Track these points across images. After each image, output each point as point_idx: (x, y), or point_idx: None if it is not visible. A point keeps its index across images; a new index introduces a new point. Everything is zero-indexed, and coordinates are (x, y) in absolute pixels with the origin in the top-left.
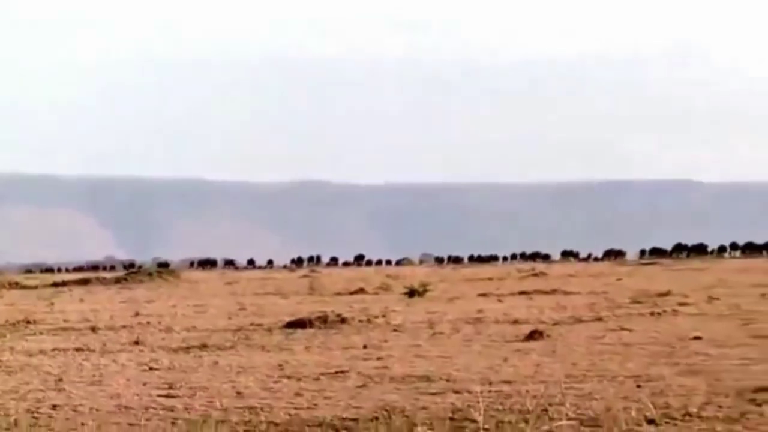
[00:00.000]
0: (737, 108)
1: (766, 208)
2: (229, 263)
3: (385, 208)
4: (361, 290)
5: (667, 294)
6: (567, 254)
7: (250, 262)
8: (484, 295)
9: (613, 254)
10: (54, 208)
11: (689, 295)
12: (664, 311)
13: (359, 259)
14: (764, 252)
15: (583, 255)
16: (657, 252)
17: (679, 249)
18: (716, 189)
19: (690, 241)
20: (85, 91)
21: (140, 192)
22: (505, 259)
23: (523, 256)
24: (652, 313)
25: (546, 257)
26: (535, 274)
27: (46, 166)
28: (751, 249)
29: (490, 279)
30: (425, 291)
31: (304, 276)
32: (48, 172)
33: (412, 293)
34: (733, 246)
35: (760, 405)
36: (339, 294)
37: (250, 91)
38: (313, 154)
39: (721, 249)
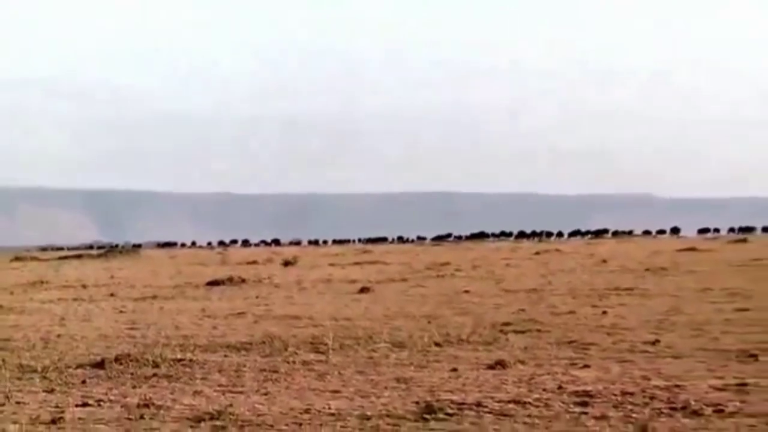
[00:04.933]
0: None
1: (515, 210)
2: (182, 245)
3: (275, 210)
4: (255, 262)
5: (447, 264)
6: (399, 239)
7: (193, 243)
8: (333, 264)
9: (420, 239)
10: (60, 209)
11: (461, 265)
12: (446, 275)
13: (256, 243)
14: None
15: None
16: (452, 238)
17: (479, 236)
18: (479, 197)
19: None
20: (79, 126)
21: (118, 199)
22: (354, 242)
23: (369, 240)
24: (438, 276)
25: (384, 240)
26: (365, 251)
27: (55, 181)
28: (508, 235)
29: (337, 254)
30: (295, 262)
31: (219, 253)
32: (57, 186)
33: (287, 263)
34: (503, 234)
35: (506, 333)
36: (240, 264)
37: (185, 130)
38: (230, 173)
39: (493, 235)
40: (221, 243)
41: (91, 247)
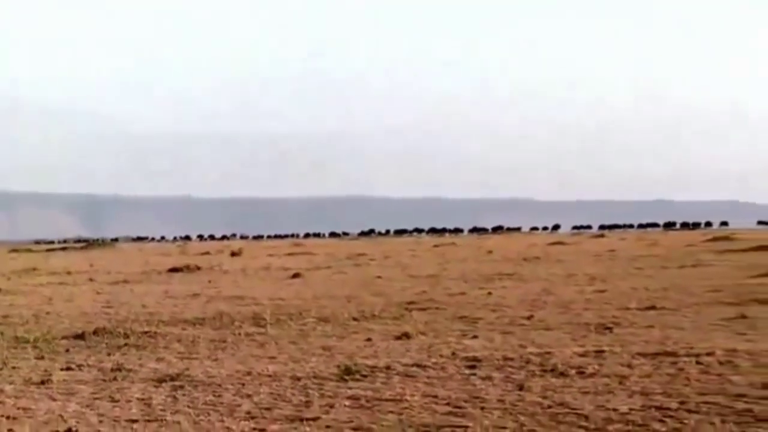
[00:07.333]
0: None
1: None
2: (152, 239)
3: (226, 211)
4: (208, 252)
5: (364, 255)
6: (332, 234)
7: (162, 238)
8: (271, 255)
9: (345, 234)
10: (52, 209)
11: (375, 255)
12: (362, 263)
13: (212, 237)
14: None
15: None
16: (373, 234)
17: (397, 233)
18: (400, 201)
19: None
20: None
21: (100, 202)
22: (290, 236)
23: (306, 236)
24: (356, 265)
25: (318, 236)
26: (296, 245)
27: (49, 186)
28: (420, 232)
29: (275, 247)
30: (241, 253)
31: (179, 246)
32: (51, 190)
33: (234, 254)
34: (416, 230)
35: (410, 311)
36: (196, 254)
37: (158, 146)
38: (187, 179)
39: (408, 232)
40: (184, 237)
41: (78, 241)
